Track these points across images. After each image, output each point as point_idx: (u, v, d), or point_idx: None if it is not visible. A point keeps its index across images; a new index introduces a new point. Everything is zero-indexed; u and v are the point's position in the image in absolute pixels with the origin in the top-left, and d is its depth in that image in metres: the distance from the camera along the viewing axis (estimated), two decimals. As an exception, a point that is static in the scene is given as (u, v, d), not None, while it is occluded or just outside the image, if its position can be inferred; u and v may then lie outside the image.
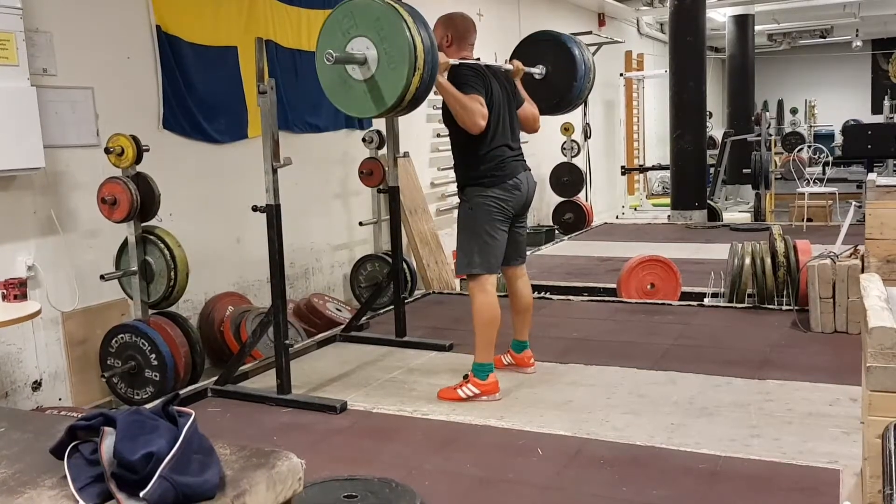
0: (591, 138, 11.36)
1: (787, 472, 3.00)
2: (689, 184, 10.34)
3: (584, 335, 5.06)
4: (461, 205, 4.00)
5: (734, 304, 5.62)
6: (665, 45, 12.55)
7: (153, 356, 4.28)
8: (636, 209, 14.04)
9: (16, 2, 4.00)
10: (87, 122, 4.57)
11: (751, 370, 4.19)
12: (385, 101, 3.37)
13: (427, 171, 7.95)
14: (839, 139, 14.70)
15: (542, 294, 6.24)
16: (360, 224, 6.58)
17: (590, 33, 11.00)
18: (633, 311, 5.64)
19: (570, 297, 6.18)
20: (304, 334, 5.43)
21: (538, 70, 4.42)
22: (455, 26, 4.02)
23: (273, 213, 3.93)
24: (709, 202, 10.60)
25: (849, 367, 3.96)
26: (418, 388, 4.15)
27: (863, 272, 4.46)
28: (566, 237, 9.77)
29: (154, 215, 4.38)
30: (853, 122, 13.76)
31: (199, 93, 5.25)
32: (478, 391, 3.89)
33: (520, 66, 4.20)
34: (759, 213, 10.73)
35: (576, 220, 10.36)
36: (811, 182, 10.41)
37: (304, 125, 6.20)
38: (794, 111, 20.69)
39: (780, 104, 21.23)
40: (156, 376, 4.29)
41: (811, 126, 18.05)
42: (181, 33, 5.12)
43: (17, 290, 3.81)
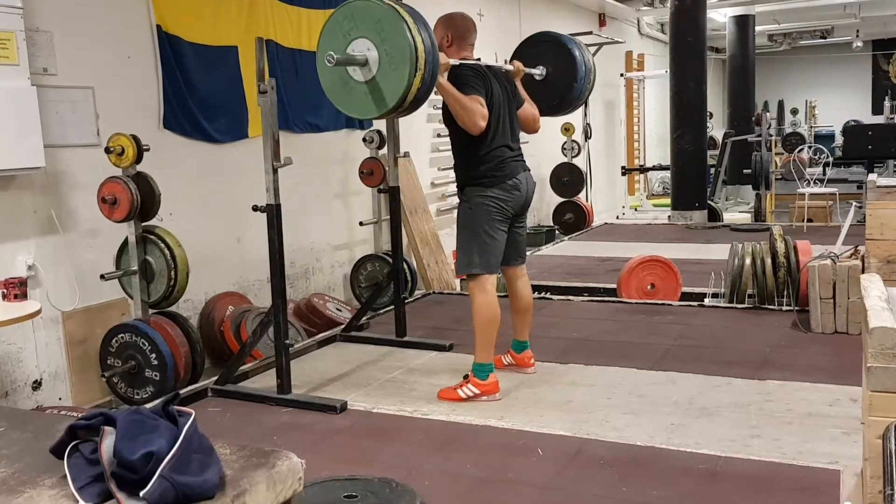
0: (591, 138, 11.37)
1: (788, 473, 3.00)
2: (690, 184, 10.34)
3: (584, 335, 5.06)
4: (461, 205, 3.99)
5: (734, 305, 5.62)
6: (665, 46, 12.54)
7: (153, 356, 4.28)
8: (636, 209, 14.04)
9: (16, 1, 4.00)
10: (87, 122, 4.57)
11: (751, 370, 4.19)
12: (386, 102, 3.37)
13: (427, 171, 7.95)
14: (839, 140, 14.70)
15: (543, 294, 6.24)
16: (361, 224, 6.58)
17: (590, 33, 10.99)
18: (633, 312, 5.64)
19: (571, 298, 6.18)
20: (305, 334, 5.43)
21: (538, 71, 4.42)
22: (455, 26, 4.02)
23: (273, 213, 3.93)
24: (709, 202, 10.60)
25: (849, 368, 3.96)
26: (418, 388, 4.15)
27: (863, 273, 4.45)
28: (566, 237, 9.77)
29: (154, 215, 4.39)
30: (853, 123, 13.75)
31: (199, 92, 5.25)
32: (478, 391, 3.89)
33: (520, 67, 4.19)
34: (759, 214, 10.73)
35: (576, 220, 10.36)
36: (811, 182, 10.41)
37: (305, 125, 6.21)
38: (794, 112, 20.71)
39: (781, 105, 21.23)
40: (156, 376, 4.30)
41: (811, 126, 18.05)
42: (181, 33, 5.13)
43: (17, 289, 3.81)
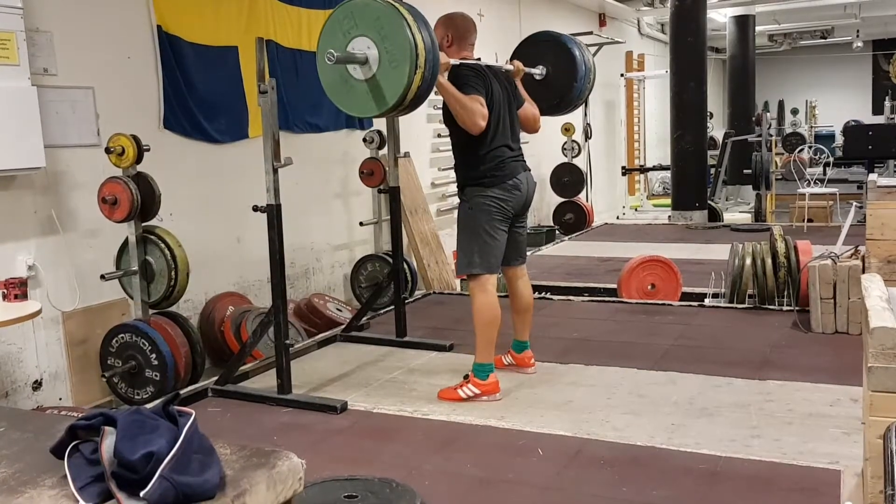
0: (591, 139, 11.37)
1: (788, 473, 3.00)
2: (690, 184, 10.34)
3: (584, 335, 5.06)
4: (461, 205, 3.99)
5: (735, 305, 5.62)
6: (666, 46, 12.54)
7: (153, 356, 4.28)
8: (637, 209, 14.04)
9: (16, 1, 4.00)
10: (87, 122, 4.57)
11: (751, 370, 4.19)
12: (387, 100, 3.37)
13: (427, 171, 7.95)
14: (840, 140, 14.70)
15: (543, 294, 6.24)
16: (361, 224, 6.58)
17: (590, 33, 10.99)
18: (633, 312, 5.64)
19: (571, 298, 6.18)
20: (305, 334, 5.43)
21: (538, 71, 4.42)
22: (455, 26, 4.01)
23: (273, 213, 3.92)
24: (709, 203, 10.60)
25: (849, 368, 3.96)
26: (419, 388, 4.14)
27: (863, 273, 4.45)
28: (567, 237, 9.77)
29: (154, 215, 4.39)
30: (854, 123, 13.74)
31: (199, 92, 5.25)
32: (478, 391, 3.89)
33: (520, 67, 4.19)
34: (759, 214, 10.73)
35: (576, 220, 10.36)
36: (812, 183, 10.41)
37: (305, 125, 6.20)
38: (794, 112, 20.70)
39: (781, 105, 21.21)
40: (156, 376, 4.29)
41: (812, 127, 18.03)
42: (182, 33, 5.12)
43: (17, 289, 3.80)
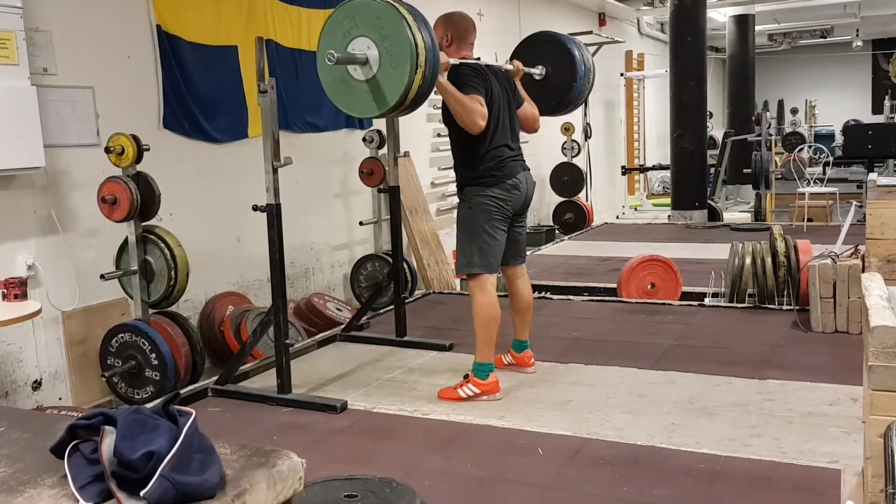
0: (591, 138, 11.37)
1: (788, 472, 3.00)
2: (690, 184, 10.34)
3: (584, 335, 5.06)
4: (461, 204, 3.99)
5: (734, 304, 5.62)
6: (665, 45, 12.54)
7: (153, 356, 4.28)
8: (636, 209, 14.04)
9: (16, 1, 4.00)
10: (87, 122, 4.57)
11: (751, 370, 4.19)
12: (387, 100, 3.37)
13: (427, 171, 7.95)
14: (839, 139, 14.68)
15: (543, 294, 6.24)
16: (361, 224, 6.58)
17: (590, 33, 10.99)
18: (633, 311, 5.64)
19: (571, 297, 6.18)
20: (305, 334, 5.43)
21: (538, 70, 4.42)
22: (455, 26, 4.01)
23: (273, 213, 3.92)
24: (709, 202, 10.60)
25: (849, 367, 3.96)
26: (418, 387, 4.14)
27: (863, 272, 4.46)
28: (566, 237, 9.77)
29: (154, 215, 4.39)
30: (853, 122, 13.75)
31: (199, 92, 5.25)
32: (478, 391, 3.89)
33: (520, 67, 4.19)
34: (759, 213, 10.73)
35: (576, 219, 10.36)
36: (811, 182, 10.40)
37: (305, 125, 6.20)
38: (794, 111, 20.69)
39: (781, 104, 21.21)
40: (156, 376, 4.29)
41: (811, 126, 18.02)
42: (181, 33, 5.12)
43: (17, 289, 3.81)
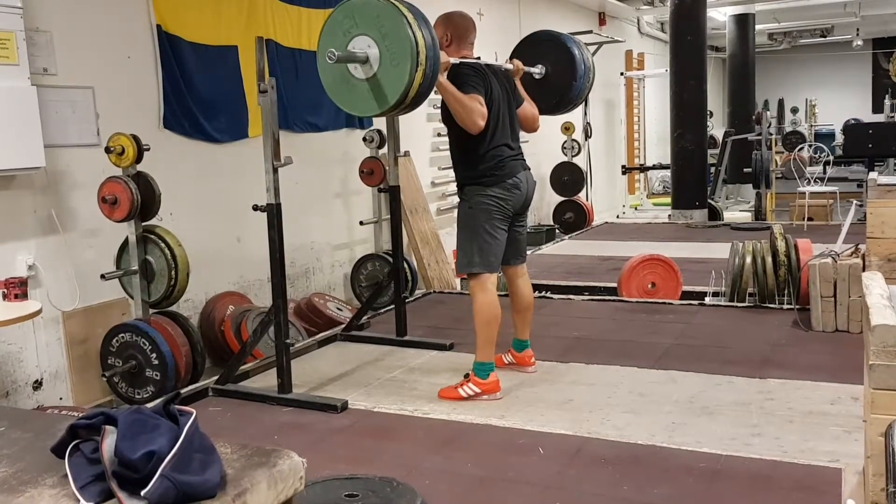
0: (591, 138, 11.37)
1: (789, 471, 3.00)
2: (690, 183, 10.34)
3: (584, 334, 5.06)
4: (461, 204, 3.99)
5: (735, 304, 5.62)
6: (666, 45, 12.53)
7: (154, 355, 4.28)
8: (637, 208, 14.03)
9: (16, 1, 4.00)
10: (87, 122, 4.57)
11: (752, 369, 4.19)
12: (388, 99, 3.36)
13: (427, 171, 7.95)
14: (840, 138, 14.68)
15: (543, 293, 6.24)
16: (361, 223, 6.58)
17: (590, 32, 10.99)
18: (633, 311, 5.64)
19: (571, 297, 6.18)
20: (305, 334, 5.43)
21: (538, 70, 4.41)
22: (454, 25, 4.01)
23: (274, 213, 3.92)
24: (709, 201, 10.60)
25: (850, 366, 3.96)
26: (419, 387, 4.14)
27: (864, 271, 4.45)
28: (567, 236, 9.77)
29: (154, 214, 4.39)
30: (854, 122, 13.75)
31: (199, 92, 5.25)
32: (478, 390, 3.89)
33: (519, 66, 4.19)
34: (759, 213, 10.73)
35: (576, 219, 10.37)
36: (812, 181, 10.40)
37: (305, 124, 6.20)
38: (794, 110, 20.68)
39: (781, 103, 21.20)
40: (156, 375, 4.29)
41: (812, 125, 18.02)
42: (181, 32, 5.12)
43: (17, 289, 3.81)
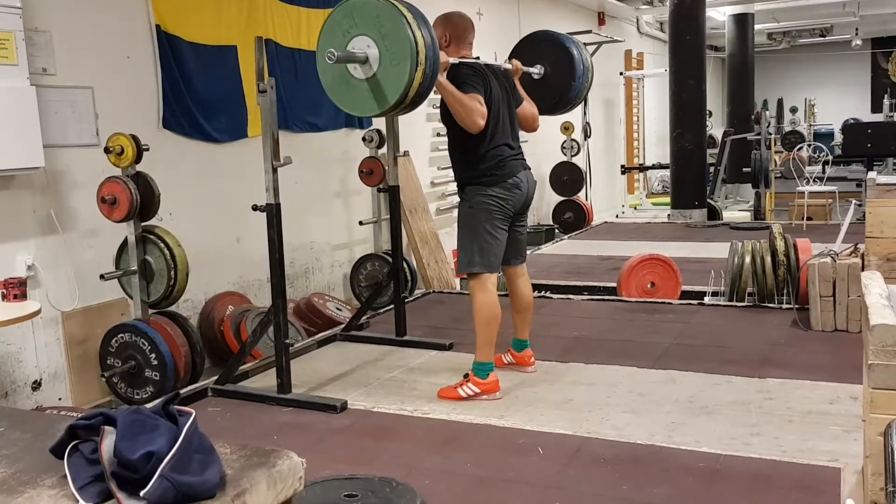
0: (590, 137, 11.36)
1: (788, 471, 3.00)
2: (689, 183, 10.35)
3: (584, 334, 5.06)
4: (461, 204, 3.99)
5: (734, 303, 5.62)
6: (665, 44, 12.55)
7: (153, 356, 4.28)
8: (636, 208, 14.04)
9: (15, 1, 4.00)
10: (86, 122, 4.56)
11: (751, 369, 4.19)
12: (388, 99, 3.36)
13: (427, 171, 7.95)
14: (839, 138, 14.68)
15: (543, 293, 6.24)
16: (360, 223, 6.58)
17: (590, 32, 10.99)
18: (633, 310, 5.64)
19: (571, 296, 6.18)
20: (305, 334, 5.43)
21: (537, 70, 4.41)
22: (453, 25, 4.01)
23: (273, 213, 3.92)
24: (709, 201, 10.60)
25: (849, 366, 3.96)
26: (419, 387, 4.14)
27: (863, 270, 4.45)
28: (566, 236, 9.77)
29: (154, 215, 4.38)
30: (853, 121, 13.77)
31: (198, 92, 5.25)
32: (478, 390, 3.89)
33: (519, 66, 4.19)
34: (758, 212, 10.72)
35: (576, 219, 10.37)
36: (811, 181, 10.40)
37: (304, 124, 6.20)
38: (793, 110, 20.67)
39: (780, 103, 21.21)
40: (156, 376, 4.29)
41: (811, 125, 18.02)
42: (181, 32, 5.12)
43: (16, 289, 3.80)
